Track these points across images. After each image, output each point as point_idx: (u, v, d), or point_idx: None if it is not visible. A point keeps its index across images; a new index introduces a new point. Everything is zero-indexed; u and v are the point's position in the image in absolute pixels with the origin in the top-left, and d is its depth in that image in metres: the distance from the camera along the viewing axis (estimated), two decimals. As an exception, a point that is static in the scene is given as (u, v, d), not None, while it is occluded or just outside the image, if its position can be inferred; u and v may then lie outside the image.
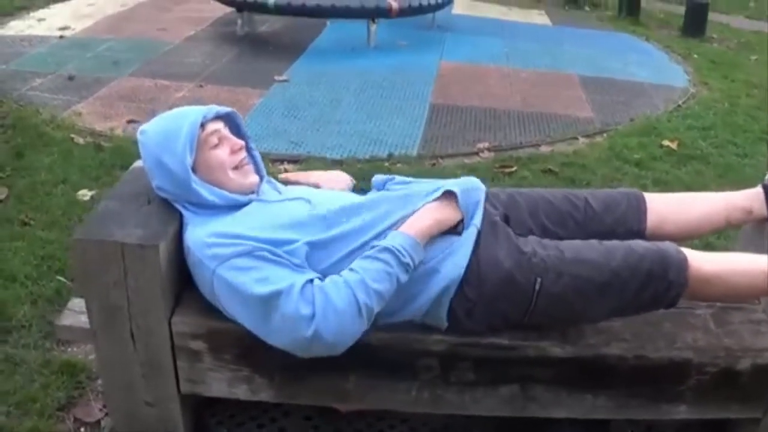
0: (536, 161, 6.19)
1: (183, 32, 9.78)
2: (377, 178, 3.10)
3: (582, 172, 5.97)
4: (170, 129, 2.66)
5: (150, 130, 2.71)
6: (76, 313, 2.90)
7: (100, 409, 3.28)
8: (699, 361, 2.75)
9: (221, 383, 2.79)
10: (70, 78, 7.72)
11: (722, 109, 7.72)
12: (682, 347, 2.76)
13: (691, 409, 2.85)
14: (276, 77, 8.06)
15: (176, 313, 2.69)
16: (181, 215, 2.71)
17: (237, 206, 2.71)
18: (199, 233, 2.59)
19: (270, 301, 2.41)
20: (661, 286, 2.65)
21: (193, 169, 2.66)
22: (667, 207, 3.05)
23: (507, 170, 5.95)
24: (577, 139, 6.82)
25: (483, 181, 5.34)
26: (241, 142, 2.78)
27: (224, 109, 2.82)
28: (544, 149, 6.56)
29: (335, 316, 2.37)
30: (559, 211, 2.97)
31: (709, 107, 7.77)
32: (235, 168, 2.75)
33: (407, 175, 3.04)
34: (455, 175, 5.54)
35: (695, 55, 9.96)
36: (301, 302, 2.38)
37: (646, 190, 5.43)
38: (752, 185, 2.96)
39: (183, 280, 2.70)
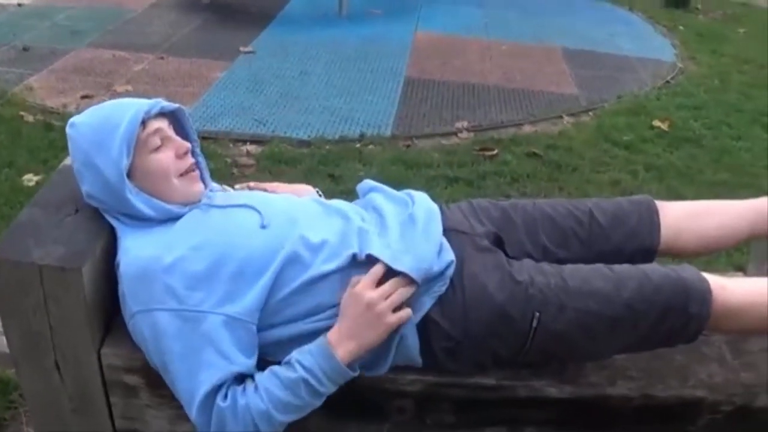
0: (519, 143, 5.98)
1: (146, -1, 9.49)
2: (365, 184, 2.74)
3: (568, 156, 5.76)
4: (105, 125, 2.27)
5: (82, 124, 2.33)
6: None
7: (34, 435, 2.99)
8: (713, 400, 2.46)
9: (161, 421, 2.50)
10: (25, 49, 7.49)
11: (713, 86, 7.49)
12: (696, 384, 2.46)
13: (702, 451, 2.54)
14: (241, 48, 7.81)
15: (107, 342, 2.39)
16: (111, 227, 2.38)
17: (175, 218, 2.35)
18: (133, 257, 2.25)
19: (174, 385, 2.21)
20: (680, 320, 2.31)
21: (129, 175, 2.29)
22: (683, 217, 2.70)
23: (488, 154, 5.73)
24: (561, 117, 6.57)
25: (462, 167, 5.19)
26: (187, 145, 2.40)
27: (170, 106, 2.41)
28: (527, 129, 6.34)
29: None
30: (561, 229, 2.61)
31: (698, 84, 7.55)
32: (181, 175, 2.38)
33: (380, 159, 2.67)
34: (431, 159, 5.37)
35: (681, 27, 9.68)
36: (200, 413, 2.16)
37: (637, 177, 5.33)
38: (749, 171, 2.62)
39: (114, 304, 2.37)
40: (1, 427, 3.10)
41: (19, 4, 8.95)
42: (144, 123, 2.29)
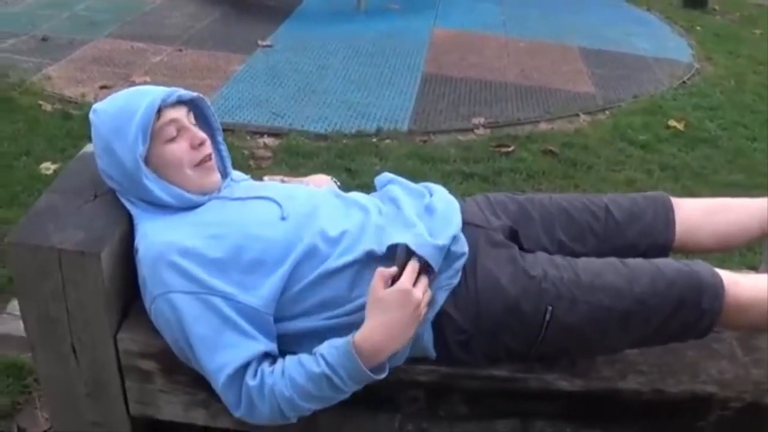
0: (535, 140, 5.93)
1: (165, -9, 9.44)
2: (383, 176, 2.74)
3: (584, 154, 5.73)
4: (123, 112, 2.29)
5: (102, 111, 2.35)
6: (16, 319, 2.57)
7: (47, 419, 3.02)
8: (723, 396, 2.46)
9: (176, 407, 2.51)
10: (44, 39, 7.45)
11: (729, 87, 7.43)
12: (707, 380, 2.47)
13: (711, 446, 2.54)
14: (259, 42, 7.76)
15: (123, 328, 2.41)
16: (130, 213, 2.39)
17: (193, 206, 2.37)
18: (151, 242, 2.26)
19: (200, 364, 2.21)
20: (693, 315, 2.31)
21: (147, 161, 2.31)
22: (697, 214, 2.71)
23: (504, 150, 5.69)
24: (578, 116, 6.53)
25: (478, 163, 5.17)
26: (203, 136, 2.39)
27: (189, 94, 2.41)
28: (544, 126, 6.30)
29: (260, 418, 2.20)
30: (577, 223, 2.62)
31: (715, 84, 7.49)
32: (196, 166, 2.38)
33: (397, 154, 2.66)
34: (448, 154, 5.35)
35: (698, 28, 9.62)
36: (228, 391, 2.18)
37: (653, 176, 5.32)
38: (764, 172, 2.62)
39: (131, 290, 2.39)
40: (16, 411, 3.09)
41: (38, -6, 8.92)
42: (160, 112, 2.30)
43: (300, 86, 6.77)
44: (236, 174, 2.64)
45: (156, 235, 2.27)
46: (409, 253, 2.13)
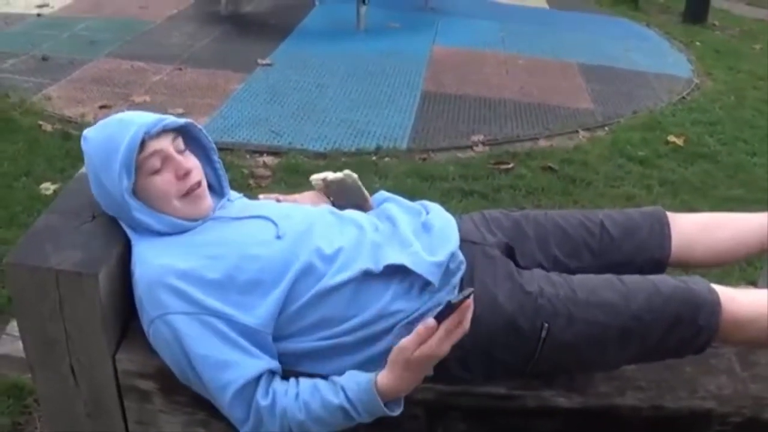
0: (534, 157, 5.95)
1: (165, 11, 9.44)
2: (379, 195, 2.75)
3: (583, 171, 5.74)
4: (108, 145, 2.27)
5: (91, 139, 2.33)
6: (15, 340, 2.57)
7: (49, 440, 2.98)
8: (722, 411, 2.45)
9: (175, 426, 2.49)
10: (44, 59, 7.48)
11: (728, 103, 7.44)
12: (705, 396, 2.45)
13: (710, 462, 2.53)
14: (259, 61, 7.78)
15: (121, 348, 2.39)
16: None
17: (188, 229, 2.36)
18: (148, 265, 2.26)
19: (204, 384, 2.18)
20: (689, 332, 2.30)
21: (135, 192, 2.31)
22: (694, 229, 2.70)
23: (503, 167, 5.71)
24: (577, 132, 6.55)
25: (477, 180, 5.18)
26: (188, 166, 2.35)
27: (175, 122, 2.36)
28: (543, 143, 6.32)
29: None
30: (572, 240, 2.62)
31: (714, 100, 7.50)
32: (183, 196, 2.36)
33: (396, 172, 2.65)
34: (447, 172, 5.35)
35: (697, 43, 9.65)
36: (235, 408, 2.16)
37: (652, 191, 5.32)
38: (764, 187, 2.62)
39: (129, 310, 2.37)
40: (17, 431, 3.09)
41: (39, 15, 8.94)
42: (144, 144, 2.26)
43: (299, 105, 6.78)
44: (233, 194, 2.63)
45: (152, 258, 2.26)
46: (449, 309, 2.03)
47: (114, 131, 2.28)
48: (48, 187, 4.90)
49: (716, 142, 6.45)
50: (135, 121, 2.28)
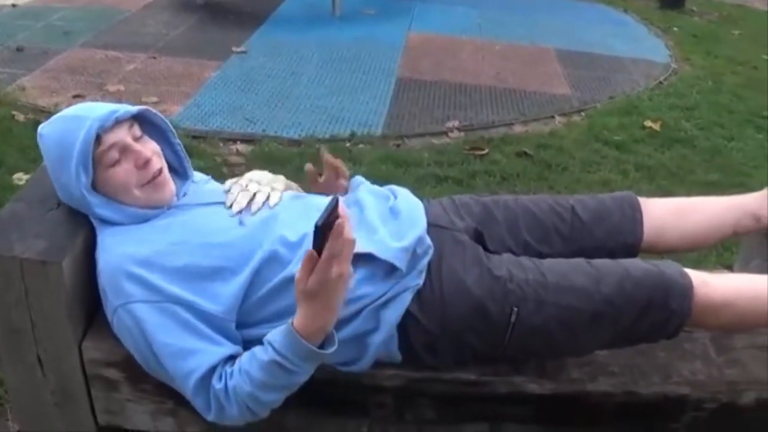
0: (509, 143, 5.93)
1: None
2: (354, 180, 2.72)
3: (559, 156, 5.71)
4: (63, 143, 2.24)
5: (47, 137, 2.31)
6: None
7: (18, 430, 3.00)
8: (697, 397, 2.44)
9: (143, 416, 2.48)
10: (19, 49, 7.43)
11: (706, 88, 7.43)
12: (679, 381, 2.44)
13: (686, 449, 2.51)
14: (234, 48, 7.75)
15: (87, 336, 2.38)
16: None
17: (151, 218, 2.34)
18: (111, 253, 2.24)
19: (167, 373, 2.15)
20: (661, 316, 2.29)
21: (95, 186, 2.29)
22: (666, 214, 2.68)
23: (478, 153, 5.68)
24: (553, 118, 6.53)
25: (452, 166, 5.15)
26: (147, 155, 2.31)
27: (128, 111, 2.31)
28: (518, 129, 6.29)
29: (231, 419, 2.15)
30: (542, 225, 2.60)
31: (692, 85, 7.49)
32: (145, 184, 2.33)
33: (370, 158, 2.60)
34: (421, 158, 5.34)
35: (675, 29, 9.63)
36: (198, 397, 2.14)
37: (628, 176, 5.30)
38: (741, 171, 2.59)
39: (95, 299, 2.35)
40: (-14, 423, 3.05)
41: (14, 5, 8.88)
42: (100, 138, 2.23)
43: (274, 92, 6.76)
44: (198, 176, 2.61)
45: (115, 246, 2.24)
46: (321, 233, 1.92)
47: (68, 127, 2.25)
48: (21, 177, 4.86)
49: (693, 127, 6.44)
50: (88, 115, 2.24)
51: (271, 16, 9.02)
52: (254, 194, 2.44)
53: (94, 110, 2.26)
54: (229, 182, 2.54)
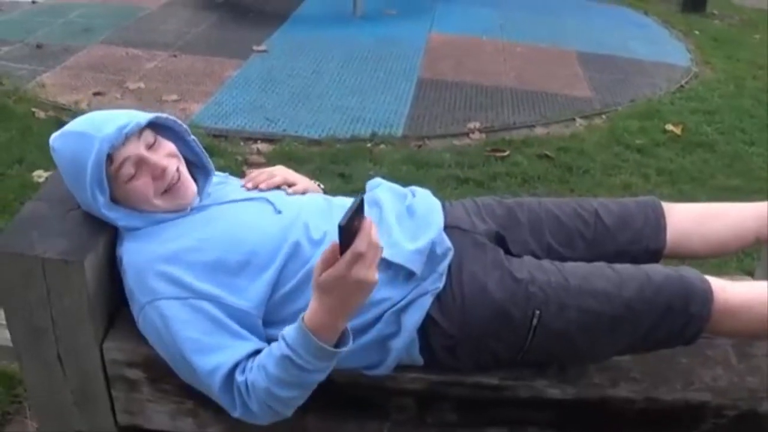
0: (531, 145, 5.91)
1: (161, -3, 9.42)
2: (374, 181, 2.70)
3: (580, 158, 5.70)
4: (75, 164, 2.22)
5: (59, 153, 2.29)
6: (3, 328, 2.55)
7: (37, 428, 3.02)
8: (717, 404, 2.41)
9: (163, 416, 2.47)
10: (38, 46, 7.46)
11: (727, 92, 7.38)
12: (700, 388, 2.41)
13: (705, 455, 2.49)
14: (255, 47, 7.76)
15: (109, 336, 2.37)
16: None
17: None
18: (136, 252, 2.25)
19: (194, 370, 2.12)
20: (680, 321, 2.27)
21: (113, 198, 2.28)
22: (689, 220, 2.67)
23: (499, 154, 5.67)
24: (574, 120, 6.51)
25: (473, 168, 5.14)
26: (163, 165, 2.29)
27: (138, 125, 2.27)
28: (540, 131, 6.27)
29: (254, 416, 2.12)
30: (566, 228, 2.59)
31: (713, 89, 7.44)
32: (164, 193, 2.32)
33: (391, 159, 2.59)
34: (442, 159, 5.33)
35: (696, 32, 9.58)
36: (224, 394, 2.11)
37: (649, 180, 5.29)
38: (762, 177, 2.58)
39: (117, 298, 2.35)
40: (5, 421, 3.07)
41: (33, 2, 8.93)
42: (112, 156, 2.21)
43: (294, 91, 6.76)
44: (217, 175, 2.61)
45: (140, 245, 2.25)
46: (346, 232, 1.88)
47: (78, 147, 2.22)
48: (40, 175, 4.87)
49: (714, 131, 6.40)
50: (96, 135, 2.20)
51: (292, 16, 9.02)
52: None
53: (102, 126, 2.22)
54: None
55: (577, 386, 2.37)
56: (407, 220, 2.41)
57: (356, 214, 1.85)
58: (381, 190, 2.58)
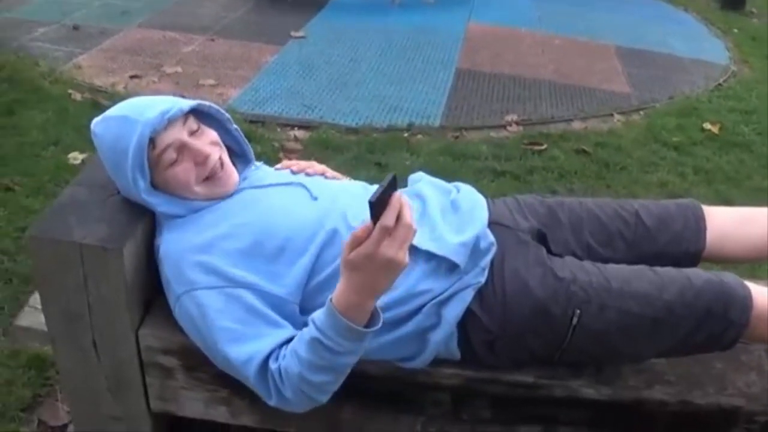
0: (568, 139, 5.87)
1: (199, -19, 9.41)
2: (416, 175, 2.71)
3: (617, 155, 5.65)
4: (116, 149, 2.23)
5: (100, 138, 2.29)
6: (37, 312, 2.55)
7: (68, 412, 3.00)
8: (750, 409, 2.41)
9: (197, 403, 2.50)
10: (75, 28, 7.45)
11: (765, 92, 7.27)
12: (734, 393, 2.41)
13: (735, 460, 2.49)
14: (292, 33, 7.74)
15: (145, 323, 2.39)
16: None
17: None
18: (173, 241, 2.26)
19: (229, 360, 2.12)
20: (719, 326, 2.27)
21: (154, 183, 2.29)
22: (728, 223, 2.66)
23: (536, 148, 5.64)
24: (612, 116, 6.46)
25: (510, 161, 5.12)
26: (206, 152, 2.30)
27: (180, 110, 2.28)
28: (577, 126, 6.23)
29: (290, 403, 2.12)
30: (607, 229, 2.59)
31: (750, 89, 7.35)
32: (205, 180, 2.33)
33: (428, 149, 2.57)
34: (479, 151, 5.31)
35: (735, 30, 9.48)
36: (260, 383, 2.12)
37: (686, 179, 5.27)
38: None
39: (154, 286, 2.36)
40: (37, 404, 3.08)
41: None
42: (154, 140, 2.22)
43: (332, 79, 6.73)
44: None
45: (177, 234, 2.26)
46: (375, 208, 1.84)
47: (120, 132, 2.22)
48: (76, 157, 4.88)
49: (752, 132, 6.33)
50: (138, 119, 2.20)
51: (330, 2, 8.98)
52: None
53: (145, 111, 2.23)
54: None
55: (612, 387, 2.37)
56: (451, 215, 2.42)
57: (387, 190, 1.83)
58: (424, 184, 2.58)
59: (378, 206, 1.81)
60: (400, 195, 1.86)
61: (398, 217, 1.84)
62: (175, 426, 2.74)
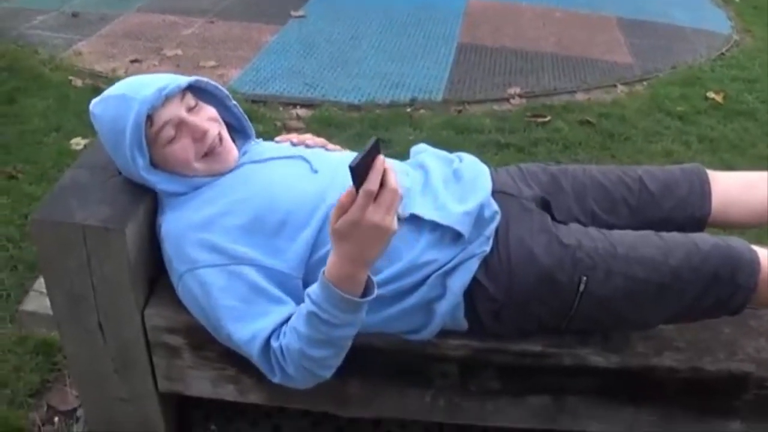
0: (572, 110, 5.84)
1: (197, -38, 9.35)
2: (418, 146, 2.71)
3: (621, 125, 5.64)
4: (114, 128, 2.22)
5: (99, 118, 2.29)
6: (42, 296, 2.55)
7: (77, 396, 3.01)
8: (760, 375, 2.40)
9: (204, 382, 2.50)
10: (74, 15, 7.44)
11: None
12: (743, 359, 2.41)
13: (745, 425, 2.50)
14: (292, 12, 7.70)
15: (150, 303, 2.39)
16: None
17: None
18: (174, 220, 2.26)
19: (232, 338, 2.12)
20: (726, 291, 2.26)
21: (153, 162, 2.28)
22: (733, 188, 2.64)
23: (540, 120, 5.62)
24: (615, 86, 6.43)
25: (514, 133, 5.10)
26: (204, 127, 2.29)
27: (177, 86, 2.27)
28: (580, 97, 6.21)
29: (293, 380, 2.13)
30: (611, 195, 2.57)
31: (753, 57, 7.32)
32: (204, 156, 2.32)
33: (431, 124, 2.55)
34: (483, 125, 5.30)
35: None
36: (263, 360, 2.12)
37: (690, 148, 5.25)
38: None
39: (158, 265, 2.36)
40: (45, 389, 3.09)
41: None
42: (151, 117, 2.21)
43: (333, 57, 6.72)
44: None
45: (178, 212, 2.26)
46: (356, 173, 1.81)
47: (117, 110, 2.22)
48: (78, 143, 4.90)
49: (755, 100, 6.30)
50: (135, 96, 2.20)
51: (329, -19, 8.93)
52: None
53: (141, 89, 2.22)
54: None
55: (621, 355, 2.37)
56: (454, 184, 2.40)
57: (369, 155, 1.80)
58: (427, 155, 2.57)
59: (361, 171, 1.79)
60: (383, 159, 1.84)
61: (383, 182, 1.83)
62: (184, 405, 2.74)
